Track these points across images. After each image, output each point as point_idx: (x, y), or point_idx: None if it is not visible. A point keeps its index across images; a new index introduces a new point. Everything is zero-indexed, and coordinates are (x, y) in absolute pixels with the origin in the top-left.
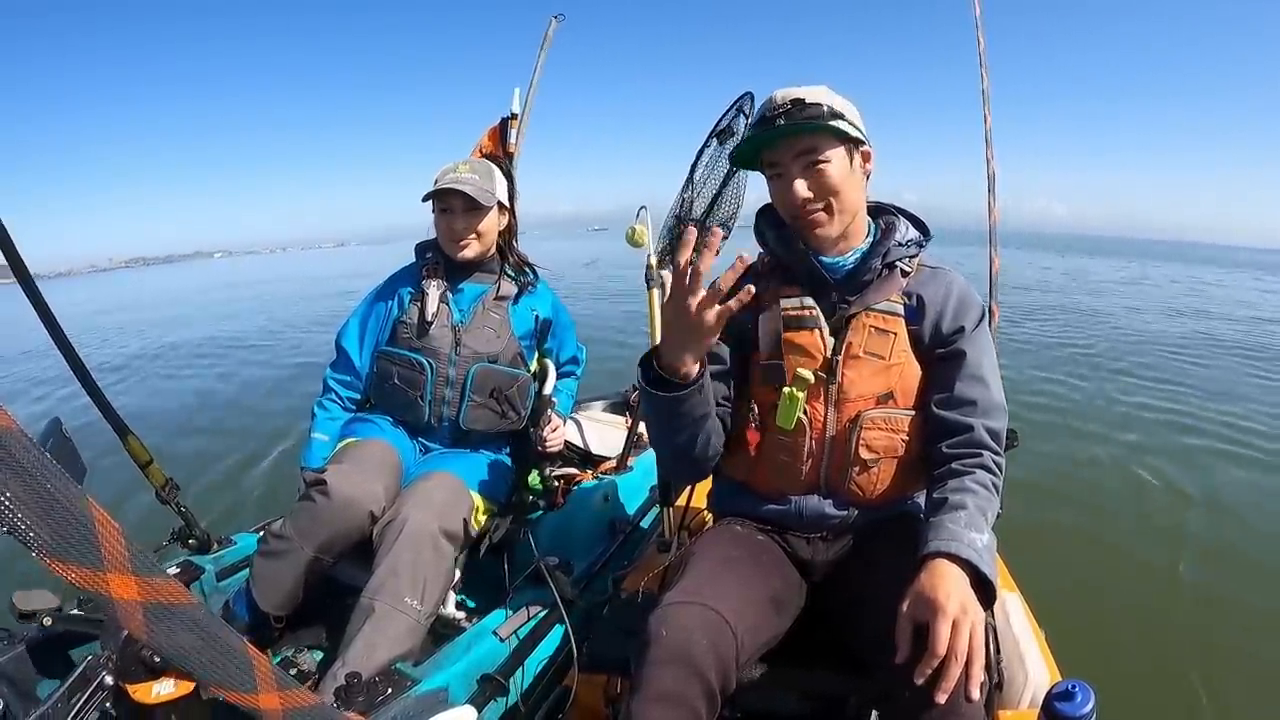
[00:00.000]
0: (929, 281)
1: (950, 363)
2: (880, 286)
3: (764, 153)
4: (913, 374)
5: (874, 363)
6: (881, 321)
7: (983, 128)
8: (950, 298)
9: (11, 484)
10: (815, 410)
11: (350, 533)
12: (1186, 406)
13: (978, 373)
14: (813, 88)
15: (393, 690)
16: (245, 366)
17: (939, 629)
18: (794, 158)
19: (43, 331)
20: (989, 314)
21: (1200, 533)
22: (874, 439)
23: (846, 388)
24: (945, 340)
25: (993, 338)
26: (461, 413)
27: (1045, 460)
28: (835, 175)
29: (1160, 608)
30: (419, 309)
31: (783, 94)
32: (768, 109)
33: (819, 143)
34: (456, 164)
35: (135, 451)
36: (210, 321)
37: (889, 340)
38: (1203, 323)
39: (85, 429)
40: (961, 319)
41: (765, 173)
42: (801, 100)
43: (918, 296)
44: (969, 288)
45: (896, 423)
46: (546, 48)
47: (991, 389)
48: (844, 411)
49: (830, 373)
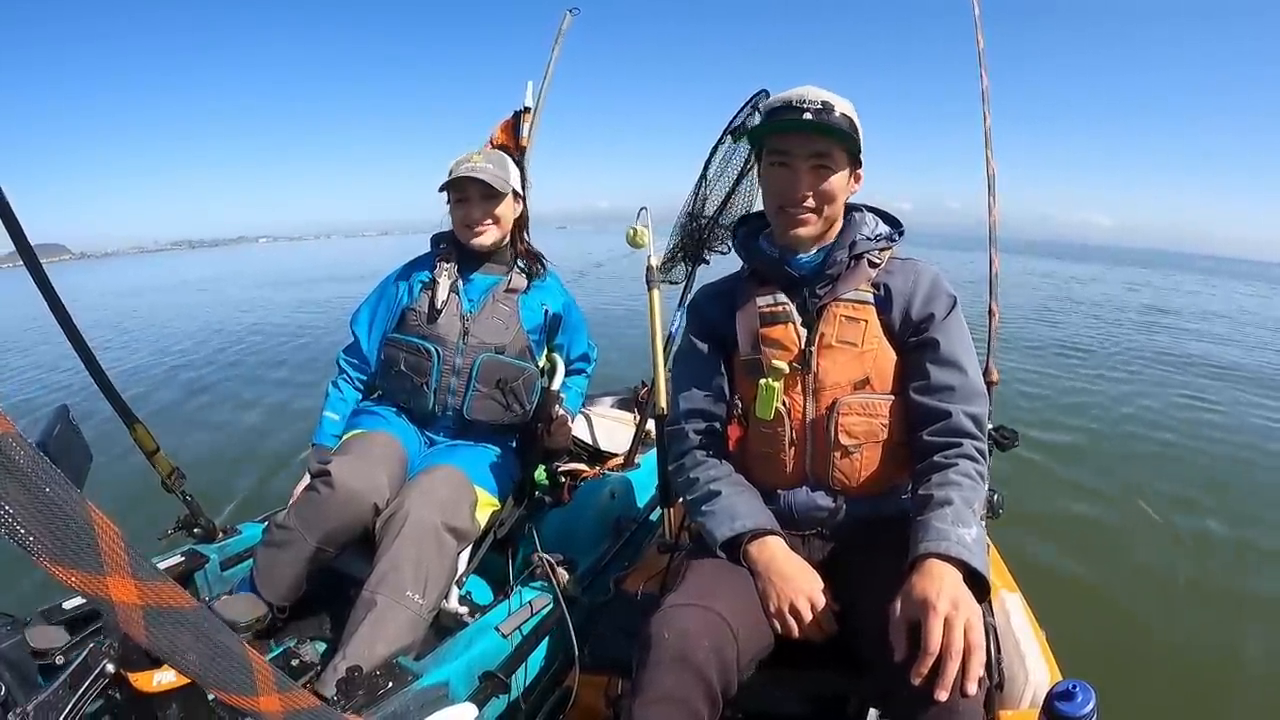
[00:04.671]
0: (897, 272)
1: (924, 351)
2: (848, 277)
3: (775, 139)
4: (886, 359)
5: (847, 350)
6: (852, 310)
7: (982, 127)
8: (918, 287)
9: (11, 489)
10: (794, 400)
11: (354, 525)
12: (1194, 406)
13: (952, 359)
14: (842, 98)
15: (394, 684)
16: (252, 355)
17: (931, 627)
18: (808, 155)
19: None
20: (989, 315)
21: (1200, 532)
22: (852, 424)
23: (822, 376)
24: (916, 328)
25: (994, 339)
26: (466, 402)
27: (1046, 460)
28: (835, 184)
29: (1160, 607)
30: (429, 297)
31: (815, 92)
32: (796, 99)
33: (834, 150)
34: (470, 154)
35: (142, 439)
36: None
37: (860, 327)
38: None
39: (93, 415)
40: (931, 307)
41: (766, 158)
42: (831, 105)
43: (885, 286)
44: (939, 278)
45: (874, 407)
46: (560, 41)
47: (969, 375)
48: (821, 399)
49: (805, 363)
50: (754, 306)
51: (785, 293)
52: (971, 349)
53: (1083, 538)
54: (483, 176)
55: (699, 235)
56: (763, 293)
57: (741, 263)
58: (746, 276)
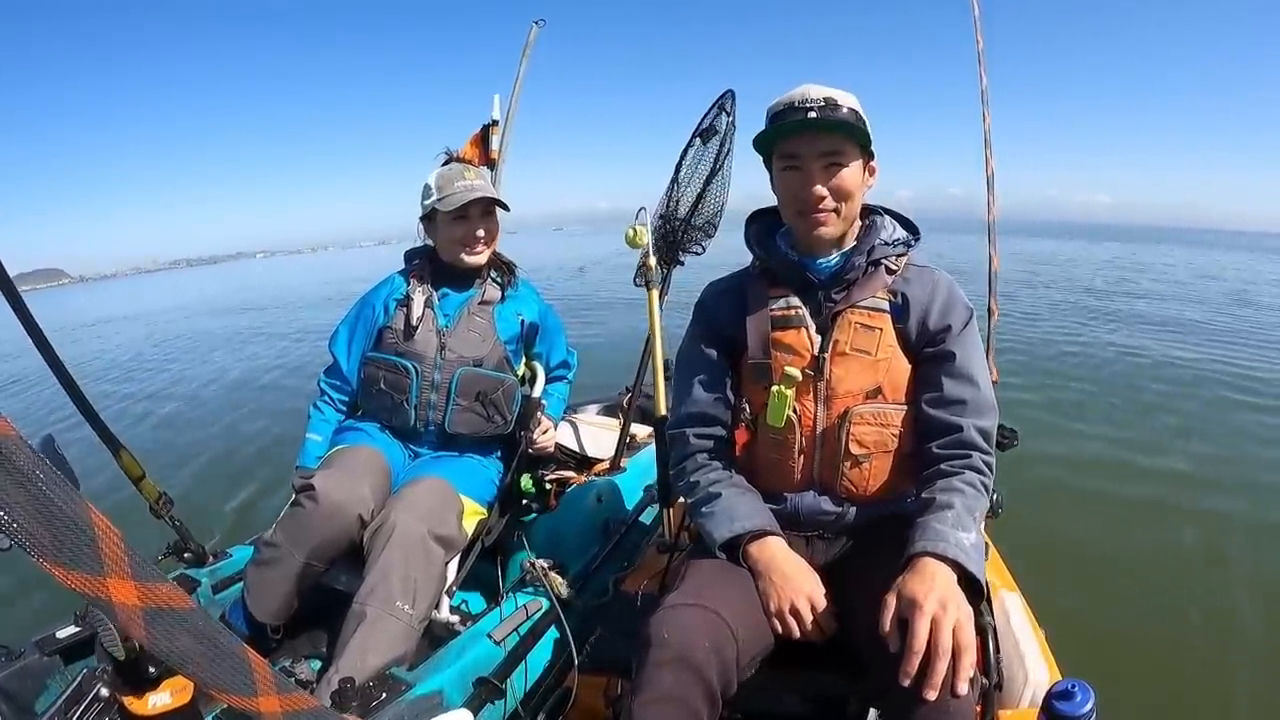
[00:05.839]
0: (915, 280)
1: (939, 362)
2: (865, 284)
3: (783, 143)
4: (900, 369)
5: (861, 359)
6: (867, 318)
7: (981, 126)
8: (936, 297)
9: (13, 491)
10: (805, 407)
11: (340, 538)
12: (1193, 404)
13: (967, 372)
14: (844, 92)
15: (387, 695)
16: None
17: (917, 626)
18: (818, 155)
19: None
20: (988, 314)
21: (1200, 533)
22: (864, 434)
23: (835, 384)
24: (933, 339)
25: (992, 338)
26: (447, 416)
27: (1046, 460)
28: (851, 180)
29: (1160, 607)
30: (405, 314)
31: (816, 90)
32: (799, 100)
33: (844, 145)
34: (460, 171)
35: (128, 466)
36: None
37: (875, 336)
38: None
39: (77, 443)
40: (948, 318)
41: (777, 164)
42: (835, 101)
43: (903, 295)
44: (956, 287)
45: (886, 417)
46: (528, 53)
47: (981, 388)
48: (833, 408)
49: (818, 370)
50: (765, 308)
51: (799, 296)
52: (984, 360)
53: (1083, 538)
54: (488, 195)
55: (672, 237)
56: (775, 294)
57: (752, 259)
58: (757, 275)
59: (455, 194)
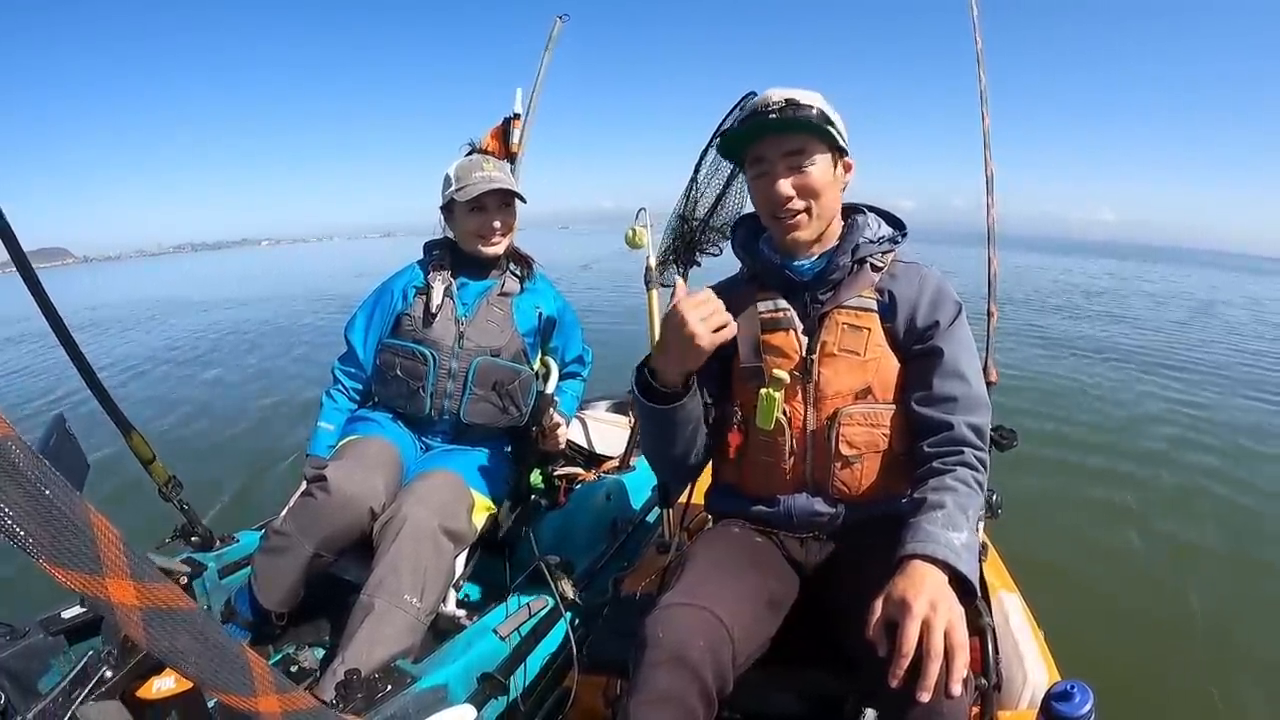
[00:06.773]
0: (902, 277)
1: (928, 360)
2: (851, 283)
3: (751, 148)
4: (889, 368)
5: (849, 359)
6: (854, 318)
7: (980, 127)
8: (924, 294)
9: (11, 490)
10: (794, 409)
11: (350, 529)
12: (1194, 406)
13: (956, 369)
14: (808, 91)
15: (392, 687)
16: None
17: (906, 628)
18: (782, 155)
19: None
20: (988, 316)
21: (1200, 532)
22: (854, 435)
23: (823, 385)
24: (921, 336)
25: (993, 339)
26: (463, 406)
27: (1047, 460)
28: (819, 178)
29: (1160, 607)
30: (424, 302)
31: (778, 93)
32: (760, 104)
33: (808, 144)
34: (479, 162)
35: (138, 448)
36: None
37: (863, 336)
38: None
39: (88, 421)
40: (936, 314)
41: (749, 171)
42: (796, 101)
43: (890, 293)
44: (944, 283)
45: (876, 417)
46: (551, 47)
47: (972, 384)
48: (822, 409)
49: (806, 372)
50: (754, 312)
51: (786, 298)
52: (975, 356)
53: (1082, 538)
54: (506, 186)
55: (690, 238)
56: (763, 298)
57: (740, 265)
58: (747, 279)
59: (473, 184)
